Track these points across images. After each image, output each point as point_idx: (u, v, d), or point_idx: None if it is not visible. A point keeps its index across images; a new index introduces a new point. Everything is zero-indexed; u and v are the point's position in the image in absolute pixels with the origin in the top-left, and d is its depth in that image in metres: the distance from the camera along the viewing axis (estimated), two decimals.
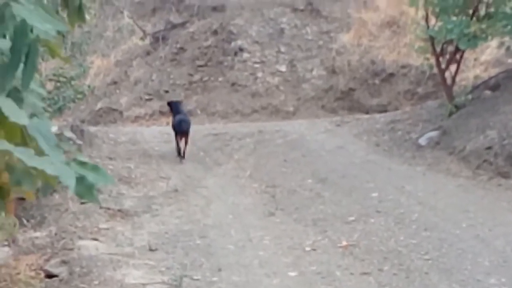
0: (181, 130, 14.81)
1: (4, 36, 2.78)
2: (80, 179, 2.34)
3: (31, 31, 2.66)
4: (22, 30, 2.61)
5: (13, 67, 2.63)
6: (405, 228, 8.78)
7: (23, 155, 2.08)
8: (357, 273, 7.33)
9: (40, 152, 2.23)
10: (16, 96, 2.74)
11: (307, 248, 8.28)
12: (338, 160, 13.28)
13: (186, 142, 14.69)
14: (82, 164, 2.40)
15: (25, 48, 2.63)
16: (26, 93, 2.87)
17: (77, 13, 3.39)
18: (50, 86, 16.41)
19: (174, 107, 15.67)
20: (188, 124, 14.92)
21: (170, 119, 16.40)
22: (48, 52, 2.98)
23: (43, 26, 2.62)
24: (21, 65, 2.69)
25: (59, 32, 2.77)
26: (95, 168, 2.43)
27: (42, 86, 2.97)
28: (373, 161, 13.09)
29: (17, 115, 2.12)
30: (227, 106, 21.98)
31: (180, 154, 14.53)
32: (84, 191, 2.41)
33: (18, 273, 7.61)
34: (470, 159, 11.78)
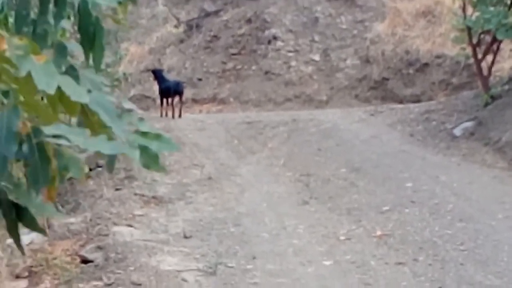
0: (179, 90, 17.75)
1: (68, 17, 2.82)
2: (144, 149, 2.35)
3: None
4: (85, 9, 2.64)
5: (87, 46, 2.67)
6: (440, 219, 8.73)
7: (78, 138, 2.09)
8: (391, 263, 7.31)
9: (102, 125, 2.24)
10: (73, 73, 2.76)
11: (342, 237, 8.27)
12: (372, 150, 13.21)
13: (181, 101, 17.89)
14: (144, 134, 2.40)
15: (92, 27, 2.66)
16: (82, 69, 2.90)
17: None
18: None
19: (158, 75, 18.34)
20: (183, 85, 18.39)
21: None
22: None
23: (103, 1, 2.65)
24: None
25: (119, 2, 2.80)
26: (158, 137, 2.43)
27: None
28: (407, 151, 13.01)
29: (77, 94, 2.13)
30: (260, 94, 21.96)
31: (174, 115, 17.48)
32: (149, 161, 2.41)
33: (54, 258, 7.68)
34: (505, 150, 11.69)
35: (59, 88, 2.08)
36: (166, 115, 17.80)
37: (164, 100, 17.96)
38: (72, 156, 2.44)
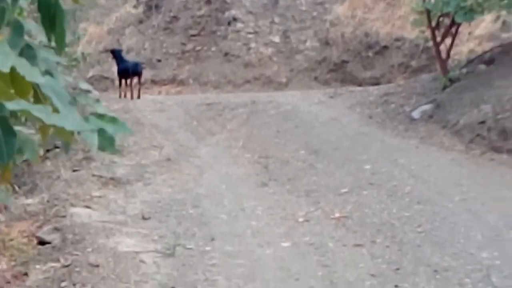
0: (137, 71, 17.97)
1: None
2: (100, 132, 2.34)
3: None
4: None
5: (48, 28, 2.64)
6: (398, 201, 8.78)
7: (42, 113, 2.05)
8: (350, 245, 7.33)
9: (54, 110, 2.21)
10: (29, 53, 2.72)
11: (300, 219, 8.27)
12: (331, 132, 13.25)
13: (140, 82, 18.22)
14: (101, 116, 2.39)
15: (52, 9, 2.63)
16: (39, 49, 2.86)
17: None
18: None
19: (117, 55, 18.37)
20: (142, 66, 18.70)
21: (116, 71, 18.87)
22: None
23: None
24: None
25: None
26: (113, 120, 2.42)
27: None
28: (366, 133, 13.07)
29: (32, 74, 2.09)
30: (219, 76, 21.96)
31: (132, 96, 17.77)
32: (105, 144, 2.40)
33: (11, 239, 7.61)
34: (463, 133, 11.79)
35: (12, 68, 2.04)
36: (125, 96, 17.75)
37: (123, 81, 17.89)
38: (27, 138, 2.41)
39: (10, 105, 2.06)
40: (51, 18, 2.74)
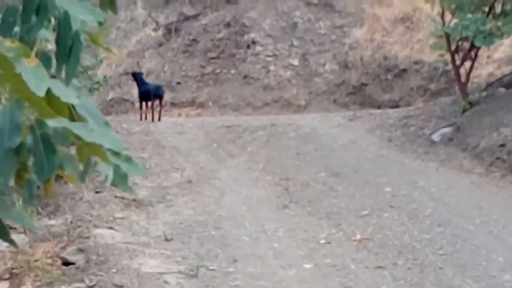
0: (159, 94, 18.28)
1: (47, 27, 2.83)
2: (115, 169, 2.38)
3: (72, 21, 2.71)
4: (65, 22, 2.65)
5: (61, 58, 2.68)
6: (418, 223, 8.80)
7: (81, 131, 2.13)
8: (371, 267, 7.37)
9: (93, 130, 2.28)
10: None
11: (322, 241, 8.32)
12: (351, 155, 13.30)
13: (161, 105, 18.40)
14: (116, 154, 2.43)
15: (70, 40, 2.68)
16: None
17: (109, 3, 3.43)
18: None
19: (138, 78, 18.54)
20: (163, 89, 18.93)
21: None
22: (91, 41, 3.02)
23: (85, 17, 2.66)
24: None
25: (100, 23, 2.81)
26: (128, 159, 2.47)
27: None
28: (386, 156, 13.11)
29: (67, 95, 2.17)
30: (238, 98, 22.03)
31: (153, 119, 17.91)
32: (119, 181, 2.45)
33: (36, 260, 7.67)
34: (483, 156, 11.81)
35: (48, 90, 2.11)
36: (146, 118, 17.84)
37: (143, 103, 18.03)
38: (68, 154, 2.48)
39: (51, 123, 2.13)
40: (67, 51, 2.80)
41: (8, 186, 2.45)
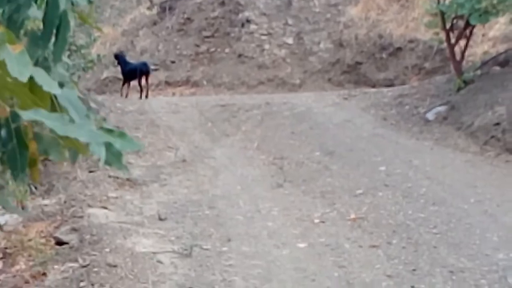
0: (146, 70, 18.56)
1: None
2: (108, 147, 2.34)
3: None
4: (53, 1, 2.62)
5: (46, 38, 2.64)
6: (413, 202, 8.80)
7: (56, 124, 2.09)
8: (365, 246, 7.36)
9: (71, 122, 2.23)
10: (44, 65, 2.74)
11: (316, 220, 8.31)
12: (345, 133, 13.28)
13: (147, 81, 18.62)
14: (109, 131, 2.39)
15: (57, 20, 2.64)
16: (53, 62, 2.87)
17: None
18: None
19: (121, 59, 18.91)
20: (149, 66, 19.11)
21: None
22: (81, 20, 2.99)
23: None
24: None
25: (89, 1, 2.77)
26: (122, 135, 2.42)
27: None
28: (381, 135, 13.08)
29: (49, 84, 2.12)
30: (233, 77, 22.00)
31: (141, 97, 18.27)
32: (113, 159, 2.41)
33: (29, 240, 7.67)
34: (478, 135, 11.79)
35: (30, 78, 2.08)
36: (126, 96, 18.04)
37: (127, 83, 18.46)
38: (53, 140, 2.44)
39: (26, 114, 2.09)
40: (56, 30, 2.75)
41: None
